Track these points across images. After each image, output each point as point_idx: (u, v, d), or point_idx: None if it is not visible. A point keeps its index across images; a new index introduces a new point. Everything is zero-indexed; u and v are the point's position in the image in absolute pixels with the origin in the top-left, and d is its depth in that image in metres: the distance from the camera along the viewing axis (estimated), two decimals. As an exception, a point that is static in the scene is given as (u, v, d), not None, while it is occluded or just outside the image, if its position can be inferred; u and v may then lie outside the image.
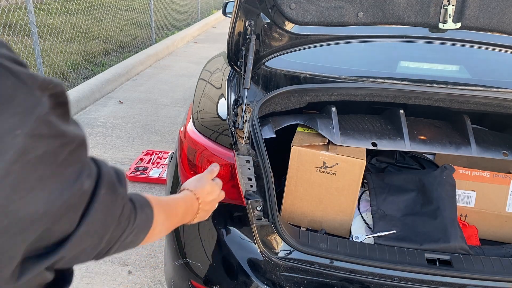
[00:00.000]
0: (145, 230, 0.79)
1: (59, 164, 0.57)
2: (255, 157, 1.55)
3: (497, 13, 1.76)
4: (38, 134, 0.54)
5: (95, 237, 0.66)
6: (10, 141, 0.51)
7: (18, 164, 0.52)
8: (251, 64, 1.72)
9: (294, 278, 1.49)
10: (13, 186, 0.53)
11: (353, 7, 1.78)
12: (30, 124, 0.53)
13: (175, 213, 0.94)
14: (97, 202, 0.64)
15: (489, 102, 1.93)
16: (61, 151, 0.57)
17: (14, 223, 0.55)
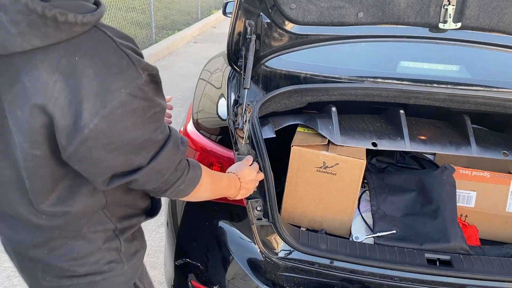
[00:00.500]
0: (193, 184, 1.08)
1: (146, 118, 0.88)
2: (255, 157, 1.55)
3: (497, 13, 1.76)
4: (135, 95, 0.84)
5: (158, 174, 0.97)
6: (118, 95, 0.82)
7: (119, 110, 0.83)
8: (251, 64, 1.72)
9: (294, 278, 1.49)
10: (114, 122, 0.84)
11: (353, 7, 1.78)
12: (131, 88, 0.83)
13: (219, 181, 1.24)
14: (164, 150, 0.94)
15: (489, 102, 1.93)
16: (148, 110, 0.88)
17: (111, 143, 0.85)
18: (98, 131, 0.83)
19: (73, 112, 0.81)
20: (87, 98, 0.81)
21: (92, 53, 0.82)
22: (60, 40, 0.80)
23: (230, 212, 1.60)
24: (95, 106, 0.81)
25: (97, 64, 0.82)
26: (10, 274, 2.47)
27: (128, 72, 0.84)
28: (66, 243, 1.05)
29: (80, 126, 0.82)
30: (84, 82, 0.81)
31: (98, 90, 0.81)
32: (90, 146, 0.85)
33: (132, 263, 1.16)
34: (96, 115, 0.81)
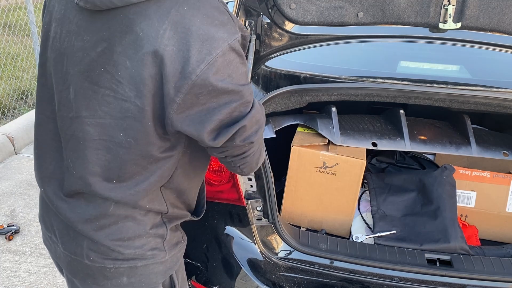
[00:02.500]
0: (262, 149, 1.14)
1: (239, 73, 0.94)
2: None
3: (497, 13, 1.76)
4: (233, 47, 0.92)
5: (257, 124, 1.01)
6: (221, 43, 0.90)
7: (221, 59, 0.90)
8: (251, 64, 1.72)
9: (294, 278, 1.48)
10: (218, 70, 0.89)
11: (353, 7, 1.78)
12: (231, 40, 0.91)
13: None
14: (256, 104, 1.01)
15: (489, 102, 1.93)
16: (241, 67, 0.95)
17: (216, 90, 0.90)
18: (204, 77, 0.88)
19: (181, 58, 0.87)
20: (194, 44, 0.87)
21: (198, 5, 0.90)
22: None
23: (230, 212, 1.60)
24: (201, 53, 0.87)
25: (203, 15, 0.90)
26: (10, 274, 2.47)
27: (228, 26, 0.93)
28: (117, 222, 1.07)
29: (188, 71, 0.87)
30: (191, 30, 0.88)
31: (204, 38, 0.88)
32: (197, 93, 0.89)
33: (173, 253, 1.18)
34: (202, 62, 0.87)
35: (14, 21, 5.83)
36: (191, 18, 0.88)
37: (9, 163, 3.71)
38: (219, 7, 0.94)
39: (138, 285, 1.14)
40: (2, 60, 5.02)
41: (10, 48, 5.40)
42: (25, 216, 2.99)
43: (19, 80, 4.95)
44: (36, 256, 2.63)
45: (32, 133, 4.29)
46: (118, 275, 1.11)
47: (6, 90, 4.67)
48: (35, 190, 3.23)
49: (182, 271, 1.31)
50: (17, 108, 4.62)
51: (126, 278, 1.12)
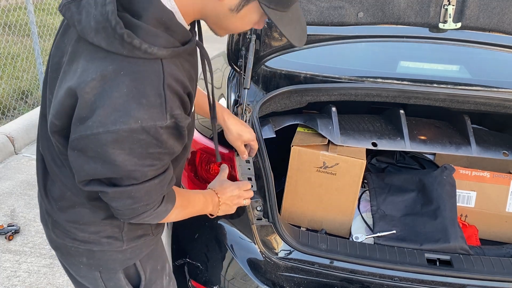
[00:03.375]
0: (160, 218, 1.11)
1: (146, 152, 0.92)
2: (255, 157, 1.55)
3: (497, 13, 1.76)
4: (148, 131, 0.89)
5: (130, 199, 0.99)
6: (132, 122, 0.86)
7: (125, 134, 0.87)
8: (251, 64, 1.72)
9: (294, 278, 1.48)
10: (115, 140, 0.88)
11: (353, 7, 1.78)
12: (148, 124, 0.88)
13: (193, 206, 1.25)
14: (147, 183, 0.98)
15: (489, 102, 1.93)
16: (153, 147, 0.92)
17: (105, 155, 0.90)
18: (98, 138, 0.88)
19: (90, 110, 0.88)
20: (106, 107, 0.86)
21: (136, 77, 0.88)
22: (120, 53, 0.87)
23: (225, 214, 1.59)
24: (107, 119, 0.86)
25: (133, 87, 0.87)
26: (10, 274, 2.47)
27: (155, 111, 0.88)
28: (74, 207, 1.13)
29: (88, 125, 0.88)
30: (113, 93, 0.86)
31: (118, 107, 0.86)
32: (87, 144, 0.91)
33: (134, 244, 1.20)
34: (103, 126, 0.87)
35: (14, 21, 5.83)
36: (120, 83, 0.86)
37: (9, 163, 3.71)
38: (158, 89, 0.89)
39: (96, 268, 1.20)
40: (2, 60, 5.02)
41: (10, 48, 5.40)
42: (25, 216, 3.00)
43: (19, 80, 4.95)
44: (36, 256, 2.63)
45: (32, 133, 4.29)
46: (78, 254, 1.19)
47: (6, 90, 4.67)
48: (35, 190, 3.22)
49: (154, 263, 1.30)
50: (17, 108, 4.62)
51: (86, 259, 1.18)
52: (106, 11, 0.85)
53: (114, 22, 0.85)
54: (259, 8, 0.95)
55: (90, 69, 0.88)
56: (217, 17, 0.98)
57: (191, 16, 0.98)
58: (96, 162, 0.92)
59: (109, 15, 0.85)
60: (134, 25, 0.87)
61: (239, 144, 1.47)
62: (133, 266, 1.24)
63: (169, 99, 0.90)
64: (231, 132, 1.45)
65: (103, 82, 0.87)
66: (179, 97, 0.93)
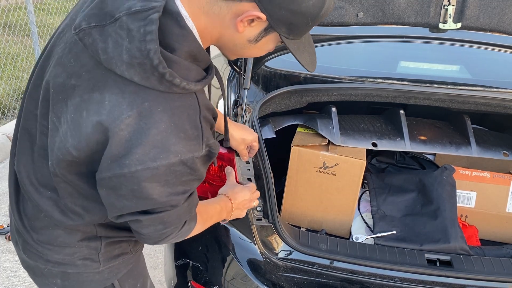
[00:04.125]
0: (184, 237, 1.10)
1: (180, 180, 0.92)
2: (255, 157, 1.55)
3: (497, 13, 1.76)
4: (185, 163, 0.89)
5: (161, 224, 0.98)
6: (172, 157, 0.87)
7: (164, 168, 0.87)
8: (251, 64, 1.71)
9: (294, 278, 1.48)
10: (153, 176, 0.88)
11: (353, 7, 1.77)
12: (187, 157, 0.89)
13: (211, 219, 1.24)
14: (178, 208, 0.97)
15: (489, 102, 1.93)
16: (187, 176, 0.92)
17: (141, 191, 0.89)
18: (135, 176, 0.86)
19: (127, 148, 0.85)
20: (144, 145, 0.84)
21: (174, 112, 0.86)
22: (156, 89, 0.85)
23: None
24: (145, 156, 0.85)
25: (171, 123, 0.86)
26: (10, 274, 2.47)
27: (193, 143, 0.89)
28: (48, 227, 1.08)
29: (124, 162, 0.85)
30: (151, 130, 0.84)
31: (158, 144, 0.85)
32: (122, 182, 0.88)
33: (112, 264, 1.16)
34: (141, 164, 0.85)
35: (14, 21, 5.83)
36: (158, 120, 0.85)
37: (9, 163, 3.71)
38: (195, 122, 0.89)
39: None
40: (2, 60, 5.02)
41: (10, 48, 5.40)
42: (25, 216, 2.99)
43: (19, 80, 4.95)
44: (36, 256, 2.62)
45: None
46: (52, 276, 1.13)
47: (6, 90, 4.67)
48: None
49: (134, 282, 1.27)
50: (17, 108, 4.62)
51: (60, 280, 1.14)
52: (146, 49, 0.81)
53: (156, 61, 0.81)
54: (277, 38, 0.95)
55: (123, 105, 0.84)
56: (234, 46, 0.97)
57: (208, 43, 0.97)
58: (129, 199, 0.91)
59: (151, 54, 0.81)
60: (169, 59, 0.84)
61: (243, 148, 1.46)
62: (111, 286, 1.20)
63: (205, 130, 0.91)
64: (234, 138, 1.43)
65: (139, 119, 0.84)
66: (211, 125, 0.95)
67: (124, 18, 0.82)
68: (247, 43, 0.95)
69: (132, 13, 0.82)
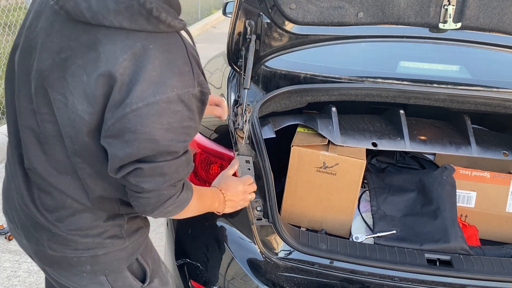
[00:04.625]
0: (182, 207, 1.11)
1: (181, 126, 0.95)
2: (255, 157, 1.55)
3: (497, 13, 1.76)
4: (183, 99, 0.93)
5: (161, 177, 1.00)
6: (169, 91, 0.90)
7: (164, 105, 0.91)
8: (251, 64, 1.72)
9: (294, 278, 1.48)
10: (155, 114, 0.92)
11: (353, 7, 1.78)
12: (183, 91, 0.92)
13: (205, 200, 1.27)
14: (178, 160, 1.00)
15: (489, 102, 1.93)
16: (187, 120, 0.96)
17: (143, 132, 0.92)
18: (138, 114, 0.90)
19: (127, 90, 0.89)
20: (142, 82, 0.89)
21: (164, 48, 0.92)
22: (144, 30, 0.91)
23: (230, 212, 1.60)
24: (145, 92, 0.89)
25: (164, 59, 0.91)
26: (10, 274, 2.47)
27: (186, 78, 0.94)
28: (74, 214, 1.11)
29: (126, 103, 0.89)
30: (147, 67, 0.89)
31: (155, 80, 0.90)
32: (125, 125, 0.91)
33: (134, 239, 1.21)
34: (142, 100, 0.89)
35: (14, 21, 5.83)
36: (151, 57, 0.90)
37: (9, 163, 3.70)
38: (184, 57, 0.95)
39: (102, 272, 1.19)
40: (2, 60, 5.02)
41: (10, 48, 5.40)
42: (25, 216, 2.99)
43: (19, 80, 4.94)
44: (36, 256, 2.63)
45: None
46: (81, 263, 1.16)
47: (6, 90, 4.66)
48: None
49: (151, 254, 1.34)
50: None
51: (90, 266, 1.17)
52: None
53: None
54: None
55: (116, 51, 0.90)
56: None
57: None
58: (132, 145, 0.93)
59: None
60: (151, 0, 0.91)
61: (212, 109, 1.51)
62: (136, 262, 1.26)
63: (194, 66, 0.96)
64: None
65: (135, 59, 0.90)
66: (198, 65, 0.99)
67: None
68: None
69: None
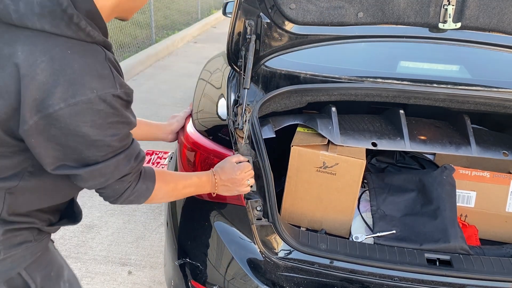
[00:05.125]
0: (144, 196, 1.16)
1: (106, 122, 0.98)
2: (255, 157, 1.55)
3: (497, 13, 1.76)
4: (104, 99, 0.95)
5: (102, 177, 1.05)
6: (88, 92, 0.94)
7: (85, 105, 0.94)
8: (251, 64, 1.72)
9: (294, 278, 1.49)
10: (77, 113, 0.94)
11: (353, 7, 1.78)
12: (102, 93, 0.95)
13: (182, 183, 1.31)
14: (115, 158, 1.04)
15: (489, 102, 1.93)
16: (111, 116, 0.98)
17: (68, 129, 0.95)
18: (60, 114, 0.93)
19: (45, 91, 0.92)
20: (63, 84, 0.92)
21: (83, 54, 0.96)
22: (64, 35, 0.94)
23: (230, 212, 1.60)
24: (66, 93, 0.92)
25: (83, 63, 0.95)
26: (10, 274, 2.47)
27: (106, 80, 0.97)
28: None
29: (47, 103, 0.92)
30: (66, 71, 0.93)
31: (74, 82, 0.93)
32: (49, 123, 0.94)
33: (14, 252, 1.13)
34: (64, 101, 0.92)
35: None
36: (70, 61, 0.93)
37: (9, 163, 3.70)
38: (103, 62, 0.98)
39: None
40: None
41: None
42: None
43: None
44: (36, 256, 2.62)
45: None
46: None
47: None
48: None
49: (45, 271, 1.24)
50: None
51: None
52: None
53: (66, 4, 0.92)
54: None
55: (35, 52, 0.92)
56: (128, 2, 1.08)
57: (106, 15, 1.06)
58: (60, 137, 0.96)
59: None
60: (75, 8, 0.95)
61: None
62: (18, 277, 1.16)
63: (113, 71, 0.99)
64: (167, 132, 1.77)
65: (52, 63, 0.92)
66: (117, 70, 1.02)
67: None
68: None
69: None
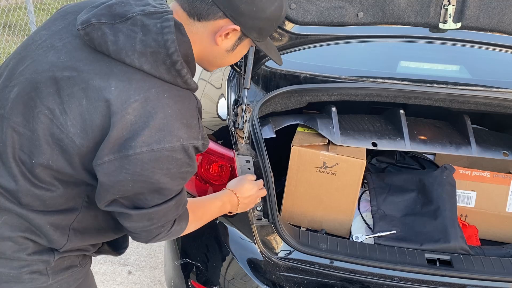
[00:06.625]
0: (176, 235, 1.16)
1: (179, 171, 0.98)
2: (255, 157, 1.55)
3: (497, 13, 1.76)
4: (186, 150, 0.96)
5: (148, 221, 1.03)
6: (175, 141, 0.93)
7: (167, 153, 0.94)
8: (251, 64, 1.71)
9: (294, 278, 1.49)
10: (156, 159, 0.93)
11: (353, 7, 1.78)
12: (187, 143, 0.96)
13: (210, 214, 1.33)
14: (166, 204, 1.02)
15: (489, 102, 1.93)
16: (185, 167, 0.99)
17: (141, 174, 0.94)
18: (139, 157, 0.91)
19: (132, 131, 0.91)
20: (151, 128, 0.91)
21: (177, 100, 0.96)
22: (161, 78, 0.94)
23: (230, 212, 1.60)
24: (151, 138, 0.91)
25: (176, 109, 0.94)
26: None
27: (192, 130, 0.97)
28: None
29: (129, 144, 0.90)
30: (158, 114, 0.92)
31: (163, 127, 0.92)
32: (122, 166, 0.92)
33: (61, 277, 1.11)
34: (147, 145, 0.91)
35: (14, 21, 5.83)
36: (164, 105, 0.93)
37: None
38: (194, 112, 0.99)
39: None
40: (2, 60, 5.02)
41: (10, 48, 5.40)
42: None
43: (19, 80, 4.94)
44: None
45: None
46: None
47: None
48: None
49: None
50: None
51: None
52: (164, 39, 0.92)
53: (173, 49, 0.92)
54: (249, 42, 1.08)
55: (130, 90, 0.91)
56: (214, 58, 1.08)
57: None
58: (127, 184, 0.94)
59: (169, 43, 0.92)
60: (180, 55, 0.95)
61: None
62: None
63: (200, 122, 1.00)
64: None
65: (146, 104, 0.91)
66: (199, 121, 1.02)
67: (138, 17, 0.93)
68: (225, 53, 1.07)
69: (147, 13, 0.94)
